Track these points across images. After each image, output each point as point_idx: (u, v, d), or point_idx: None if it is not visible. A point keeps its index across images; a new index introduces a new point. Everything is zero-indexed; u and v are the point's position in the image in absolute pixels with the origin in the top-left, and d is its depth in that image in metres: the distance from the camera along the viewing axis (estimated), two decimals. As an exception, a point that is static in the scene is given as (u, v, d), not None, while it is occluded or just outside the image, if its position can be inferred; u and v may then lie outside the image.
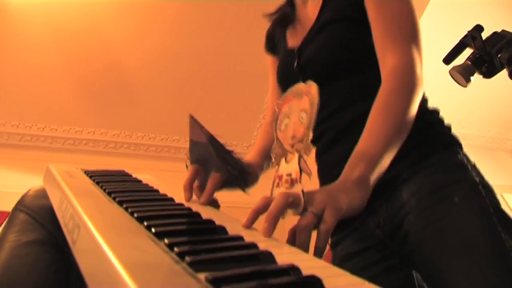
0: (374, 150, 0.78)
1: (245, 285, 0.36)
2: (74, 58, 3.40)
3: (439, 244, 0.84)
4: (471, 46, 1.45)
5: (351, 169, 0.76)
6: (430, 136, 0.97)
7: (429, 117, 1.01)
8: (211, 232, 0.55)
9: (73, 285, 0.76)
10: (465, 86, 1.48)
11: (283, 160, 0.70)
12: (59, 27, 3.21)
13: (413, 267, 0.94)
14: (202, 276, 0.37)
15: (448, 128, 1.02)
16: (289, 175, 0.67)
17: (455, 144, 0.98)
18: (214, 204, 0.90)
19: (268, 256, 0.45)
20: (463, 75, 1.44)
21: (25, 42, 3.26)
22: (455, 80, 1.48)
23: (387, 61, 0.93)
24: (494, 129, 4.14)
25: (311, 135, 0.65)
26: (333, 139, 1.04)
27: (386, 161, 0.80)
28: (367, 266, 0.99)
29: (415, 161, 0.93)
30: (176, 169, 3.12)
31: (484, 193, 0.87)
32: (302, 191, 0.65)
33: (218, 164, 0.81)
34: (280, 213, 0.63)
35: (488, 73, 1.43)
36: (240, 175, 0.83)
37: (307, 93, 0.68)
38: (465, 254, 0.80)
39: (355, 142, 0.82)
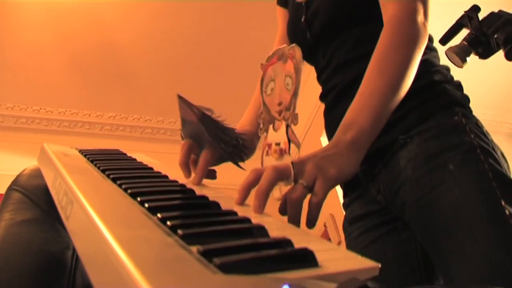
0: (368, 111, 0.74)
1: (237, 257, 0.36)
2: (68, 38, 3.36)
3: (434, 215, 0.82)
4: (467, 27, 1.44)
5: (344, 131, 0.73)
6: (429, 97, 0.92)
7: (432, 75, 0.96)
8: (204, 207, 0.55)
9: (68, 263, 0.76)
10: (461, 67, 1.47)
11: (271, 127, 0.69)
12: (52, 7, 3.17)
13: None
14: (194, 248, 0.38)
15: (455, 86, 0.97)
16: (278, 144, 0.67)
17: (455, 104, 0.92)
18: (212, 175, 0.90)
19: (261, 230, 0.45)
20: (459, 55, 1.43)
21: (18, 23, 3.22)
22: (451, 61, 1.47)
23: (387, 10, 0.88)
24: (491, 112, 4.14)
25: (297, 103, 0.64)
26: (337, 96, 1.02)
27: (381, 123, 0.76)
28: (369, 228, 0.99)
29: (412, 125, 0.90)
30: (173, 151, 3.11)
31: (482, 157, 0.83)
32: (292, 163, 0.64)
33: (211, 142, 0.80)
34: (270, 189, 0.62)
35: (485, 54, 1.42)
36: (234, 151, 0.82)
37: (292, 57, 0.66)
38: (460, 224, 0.78)
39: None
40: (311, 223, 0.64)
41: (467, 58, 1.43)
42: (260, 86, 0.73)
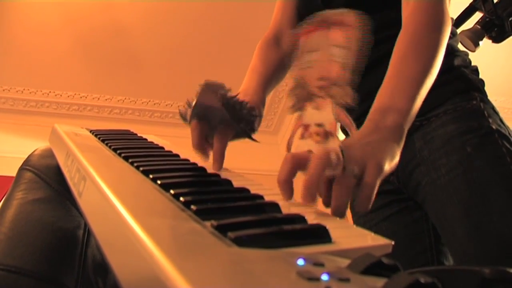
0: (406, 96, 0.69)
1: (252, 231, 0.36)
2: (76, 21, 3.36)
3: (450, 197, 0.82)
4: (481, 10, 1.42)
5: (383, 116, 0.66)
6: (447, 80, 0.91)
7: (453, 59, 0.95)
8: (216, 184, 0.55)
9: (79, 241, 0.77)
10: (474, 51, 1.46)
11: (310, 105, 0.59)
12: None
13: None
14: (207, 223, 0.38)
15: (472, 70, 0.96)
16: (320, 125, 0.57)
17: (473, 88, 0.92)
18: None
19: (274, 207, 0.45)
20: (472, 39, 1.42)
21: (26, 5, 3.22)
22: (463, 45, 1.45)
23: None
24: (501, 98, 4.09)
25: (349, 76, 0.55)
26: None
27: (417, 108, 0.70)
28: (380, 207, 0.99)
29: (429, 108, 0.89)
30: (181, 135, 3.11)
31: (500, 141, 0.83)
32: (341, 147, 0.55)
33: (225, 122, 0.74)
34: (320, 181, 0.53)
35: (498, 38, 1.41)
36: (251, 127, 0.76)
37: (341, 24, 0.57)
38: (476, 206, 0.78)
39: (380, 79, 0.73)
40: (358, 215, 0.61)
41: (480, 42, 1.42)
42: (289, 58, 0.62)
